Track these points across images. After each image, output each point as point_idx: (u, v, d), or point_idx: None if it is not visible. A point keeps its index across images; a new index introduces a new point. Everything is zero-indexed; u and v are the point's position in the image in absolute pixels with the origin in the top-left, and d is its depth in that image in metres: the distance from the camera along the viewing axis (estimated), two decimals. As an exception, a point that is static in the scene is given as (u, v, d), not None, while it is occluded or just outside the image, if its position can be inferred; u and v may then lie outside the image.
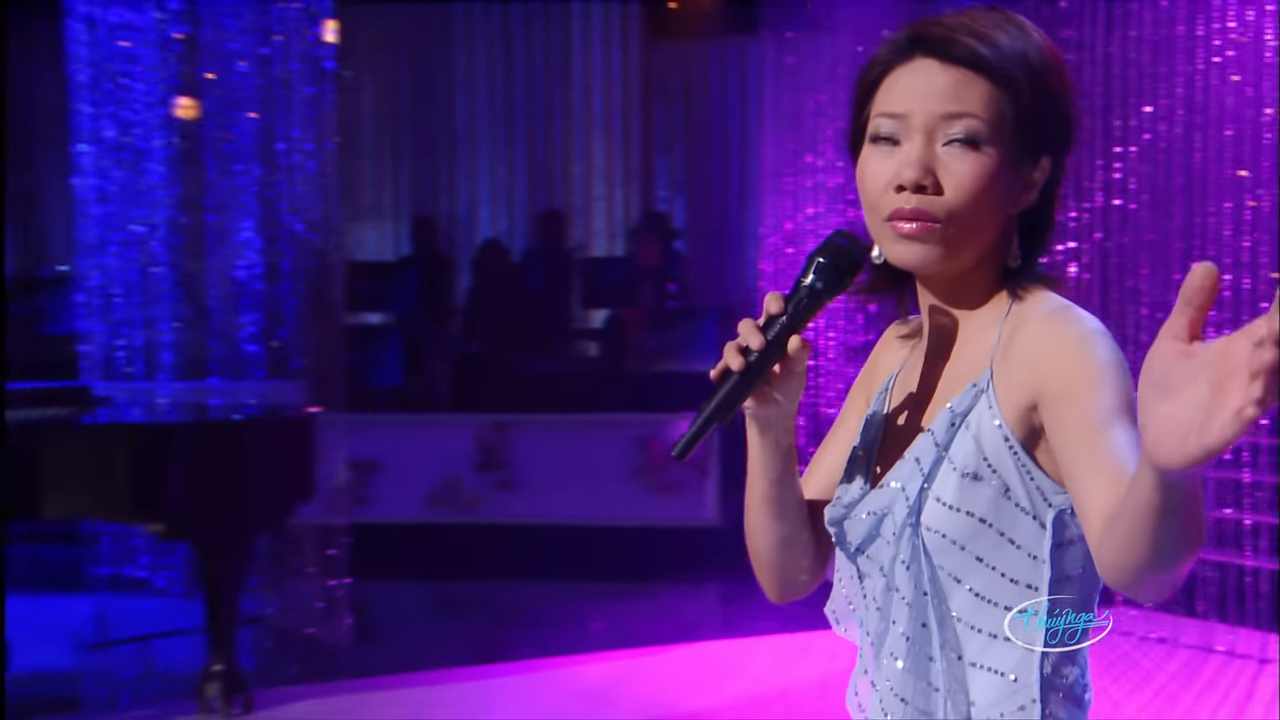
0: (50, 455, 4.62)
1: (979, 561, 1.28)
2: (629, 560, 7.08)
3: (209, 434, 4.81)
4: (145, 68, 7.00)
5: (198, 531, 4.73)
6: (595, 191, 10.74)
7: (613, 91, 10.64)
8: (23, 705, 5.08)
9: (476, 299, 9.45)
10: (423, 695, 5.01)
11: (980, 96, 1.29)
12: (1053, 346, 1.26)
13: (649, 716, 4.65)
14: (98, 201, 7.24)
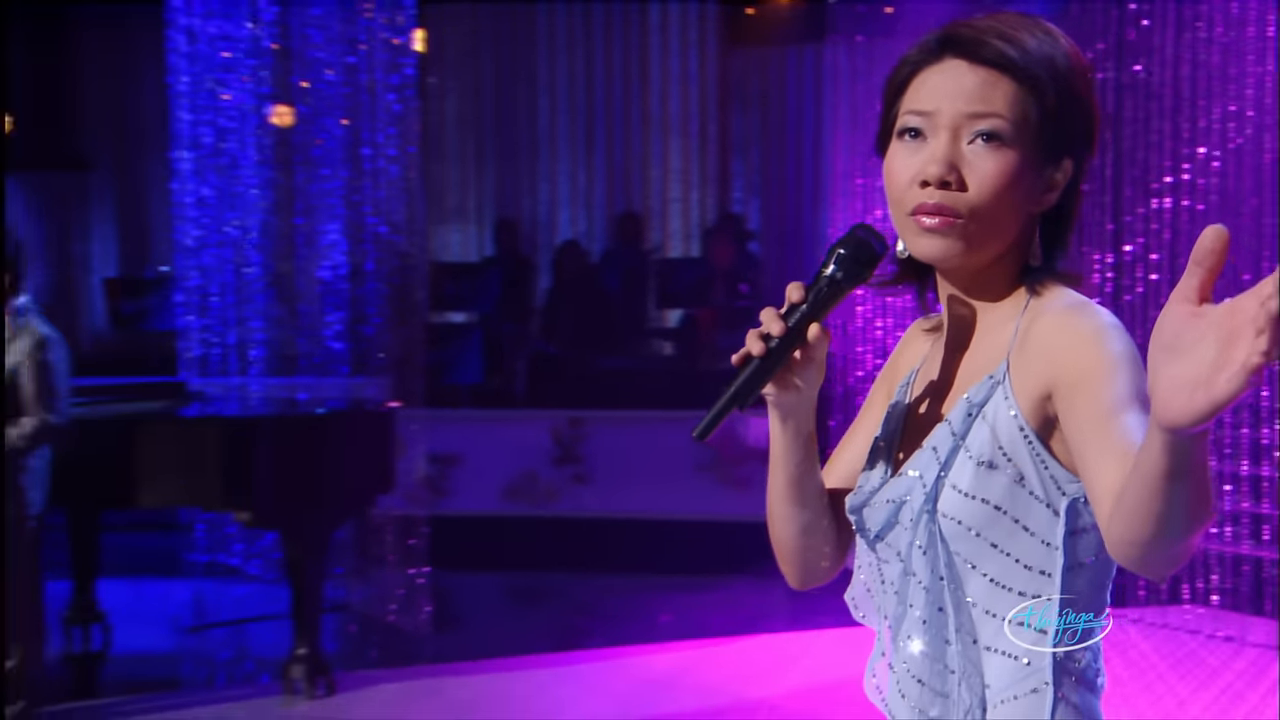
0: (146, 446, 4.77)
1: (994, 548, 1.29)
2: (698, 553, 7.11)
3: (294, 427, 4.91)
4: (239, 77, 7.16)
5: (283, 520, 4.83)
6: (672, 194, 10.76)
7: (690, 96, 10.65)
8: (124, 684, 5.23)
9: (555, 299, 9.52)
10: (496, 681, 5.07)
11: (1006, 97, 1.31)
12: (1068, 338, 1.27)
13: (714, 705, 4.66)
14: (195, 205, 7.42)
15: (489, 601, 6.88)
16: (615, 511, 7.60)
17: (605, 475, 7.73)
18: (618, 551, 7.24)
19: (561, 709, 4.67)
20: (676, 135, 10.66)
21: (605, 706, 4.69)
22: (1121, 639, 5.39)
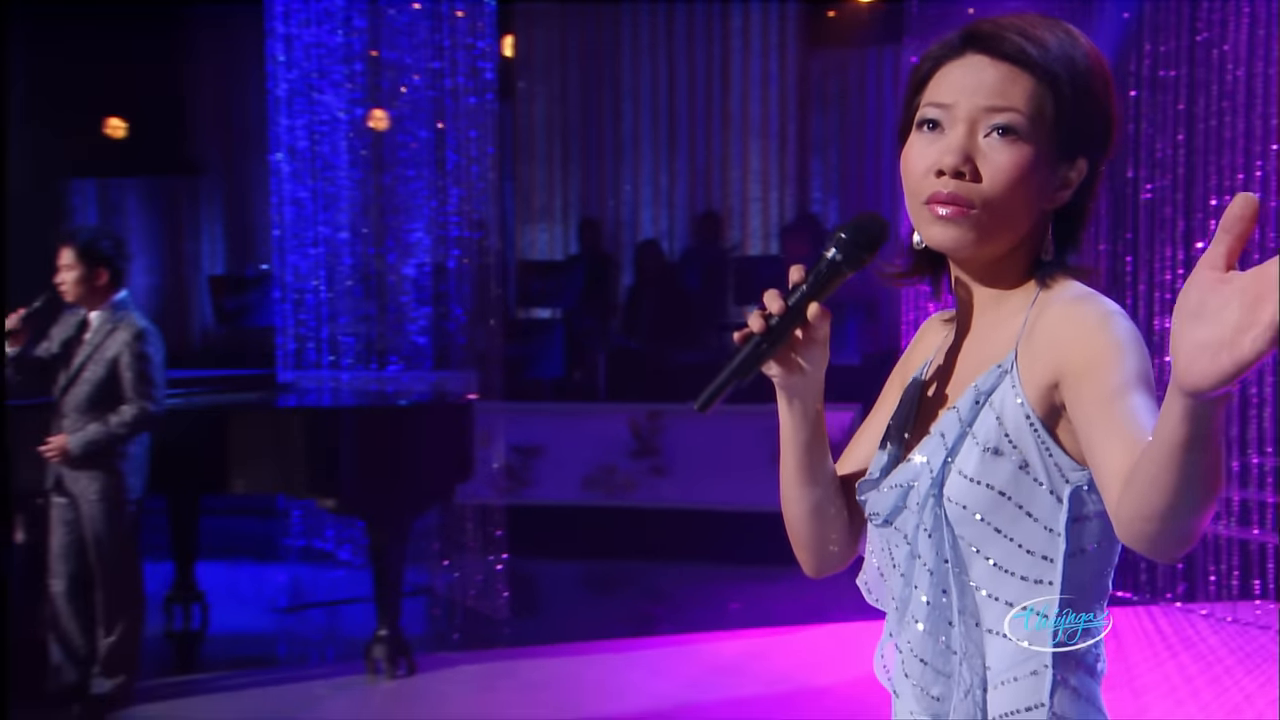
0: (238, 435, 4.87)
1: (998, 533, 1.29)
2: (770, 544, 7.06)
3: (377, 417, 4.98)
4: (332, 82, 7.29)
5: (366, 506, 4.91)
6: (751, 194, 10.73)
7: (770, 97, 10.61)
8: (220, 661, 5.35)
9: (635, 296, 9.55)
10: (569, 664, 5.10)
11: (1024, 92, 1.30)
12: (1074, 327, 1.27)
13: (780, 691, 4.64)
14: (291, 205, 7.57)
15: (567, 588, 6.92)
16: (691, 503, 7.60)
17: (682, 467, 7.73)
18: (692, 541, 7.25)
19: (631, 691, 4.69)
20: (756, 136, 10.63)
21: (674, 690, 4.69)
22: (1190, 633, 5.27)
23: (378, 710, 4.60)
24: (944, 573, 1.31)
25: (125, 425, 4.43)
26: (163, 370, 4.58)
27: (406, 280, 7.10)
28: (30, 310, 4.55)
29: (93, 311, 4.57)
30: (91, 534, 4.48)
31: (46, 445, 4.44)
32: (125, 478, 4.52)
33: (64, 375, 4.54)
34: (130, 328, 4.53)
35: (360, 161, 7.26)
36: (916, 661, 1.35)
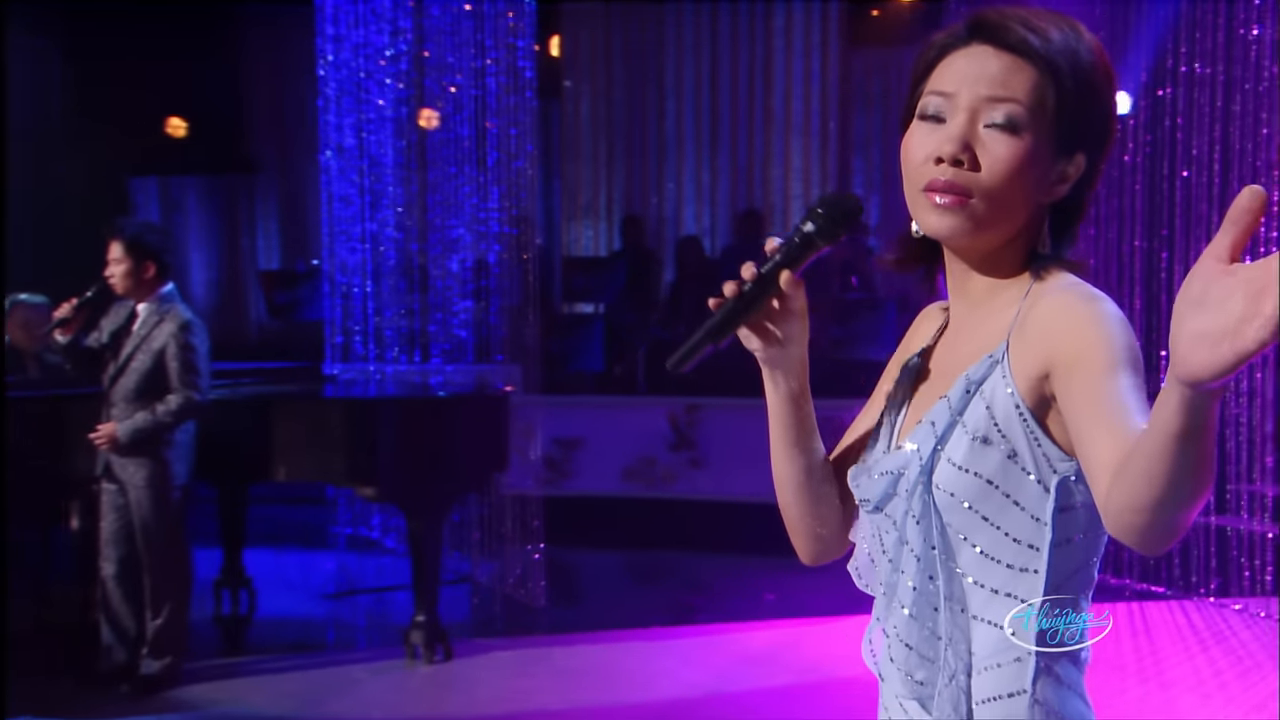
0: (280, 425, 4.91)
1: (985, 521, 1.28)
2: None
3: (413, 408, 5.00)
4: (379, 82, 7.33)
5: (404, 494, 4.93)
6: (793, 191, 10.68)
7: (811, 96, 10.56)
8: (266, 645, 5.39)
9: (676, 291, 9.53)
10: (603, 651, 5.09)
11: (1025, 84, 1.29)
12: (1065, 319, 1.25)
13: (809, 681, 4.61)
14: (340, 202, 7.63)
15: (607, 577, 6.91)
16: (728, 495, 7.57)
17: (719, 460, 7.70)
18: (729, 533, 7.22)
19: (664, 679, 4.68)
20: (798, 134, 10.58)
21: (705, 679, 4.68)
22: (1222, 628, 5.17)
23: (413, 694, 4.62)
24: (931, 559, 1.30)
25: (171, 414, 4.48)
26: (207, 360, 4.63)
27: (449, 275, 7.13)
28: (81, 300, 4.61)
29: (140, 303, 4.62)
30: (139, 519, 4.53)
31: (96, 433, 4.49)
32: (171, 465, 4.57)
33: (113, 365, 4.60)
34: (176, 319, 4.57)
35: (405, 159, 7.30)
36: (902, 646, 1.34)
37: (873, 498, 1.37)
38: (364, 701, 4.48)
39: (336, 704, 4.43)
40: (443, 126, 6.99)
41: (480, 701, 4.48)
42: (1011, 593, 1.28)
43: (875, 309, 8.04)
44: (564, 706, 4.40)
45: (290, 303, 9.73)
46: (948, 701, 1.30)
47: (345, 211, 7.60)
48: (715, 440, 7.74)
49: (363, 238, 7.56)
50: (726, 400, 7.87)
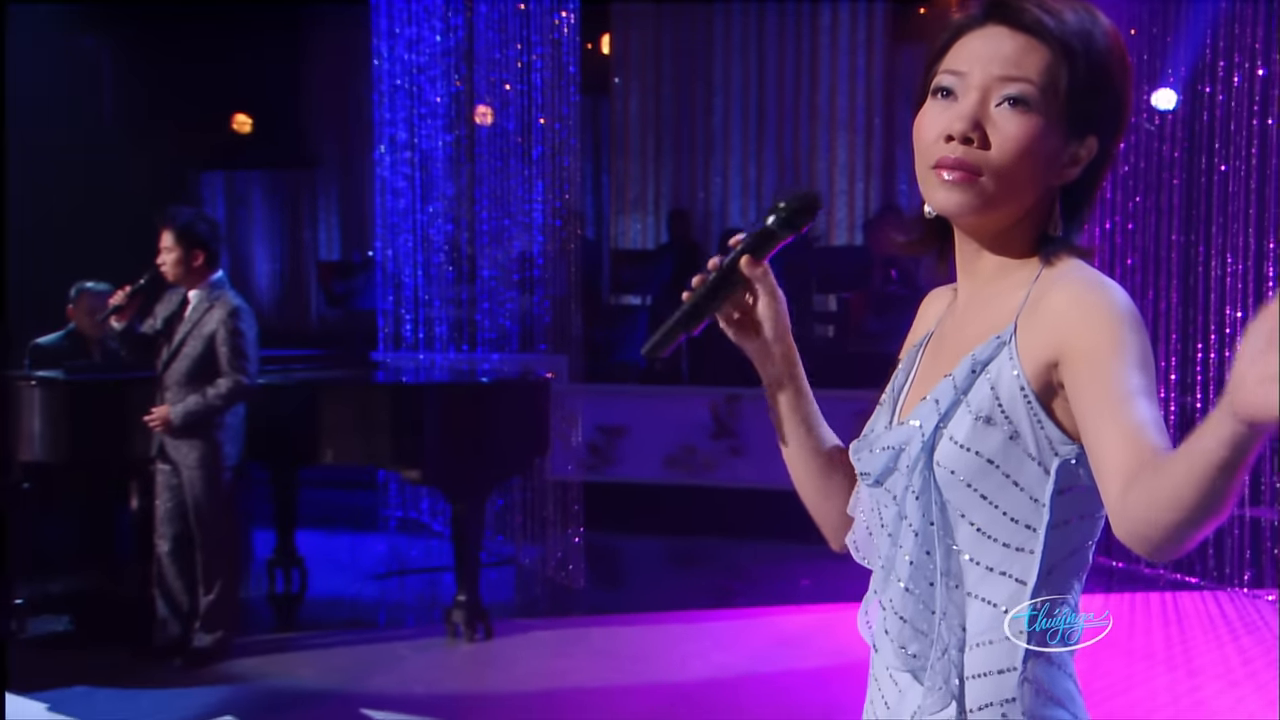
0: (328, 410, 4.96)
1: (984, 499, 1.27)
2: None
3: (457, 393, 5.02)
4: (430, 78, 7.38)
5: (446, 478, 4.96)
6: (838, 186, 10.63)
7: (856, 92, 10.50)
8: (319, 623, 5.45)
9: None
10: (640, 632, 5.10)
11: (1038, 64, 1.27)
12: (1080, 311, 1.23)
13: (840, 664, 4.57)
14: (392, 195, 7.70)
15: (647, 562, 6.91)
16: (767, 483, 7.54)
17: (759, 449, 7.67)
18: (768, 520, 7.18)
19: (697, 660, 4.67)
20: (843, 130, 10.53)
21: (738, 660, 4.66)
22: (1254, 618, 5.08)
23: (454, 670, 4.65)
24: (929, 534, 1.29)
25: (221, 397, 4.54)
26: (255, 346, 4.68)
27: (497, 266, 7.16)
28: (134, 288, 4.67)
29: (192, 291, 4.68)
30: (191, 499, 4.60)
31: (150, 416, 4.56)
32: (222, 446, 4.63)
33: (166, 350, 4.66)
34: (225, 306, 4.63)
35: (455, 153, 7.34)
36: (897, 619, 1.33)
37: (873, 471, 1.35)
38: (407, 677, 4.51)
39: (380, 679, 4.47)
40: (492, 121, 7.03)
41: (518, 679, 4.50)
42: (1006, 571, 1.27)
43: (915, 302, 7.94)
44: (599, 685, 4.41)
45: (347, 292, 9.83)
46: (939, 674, 1.29)
47: (397, 204, 7.66)
48: (755, 429, 7.71)
49: (413, 229, 7.62)
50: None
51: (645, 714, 4.13)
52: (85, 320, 5.43)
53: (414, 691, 4.33)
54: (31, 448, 4.76)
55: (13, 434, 4.78)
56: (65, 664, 4.61)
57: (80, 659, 4.70)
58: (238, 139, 11.06)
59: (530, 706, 4.22)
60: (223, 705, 4.18)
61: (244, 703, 4.21)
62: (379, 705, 4.18)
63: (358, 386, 5.23)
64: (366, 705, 4.19)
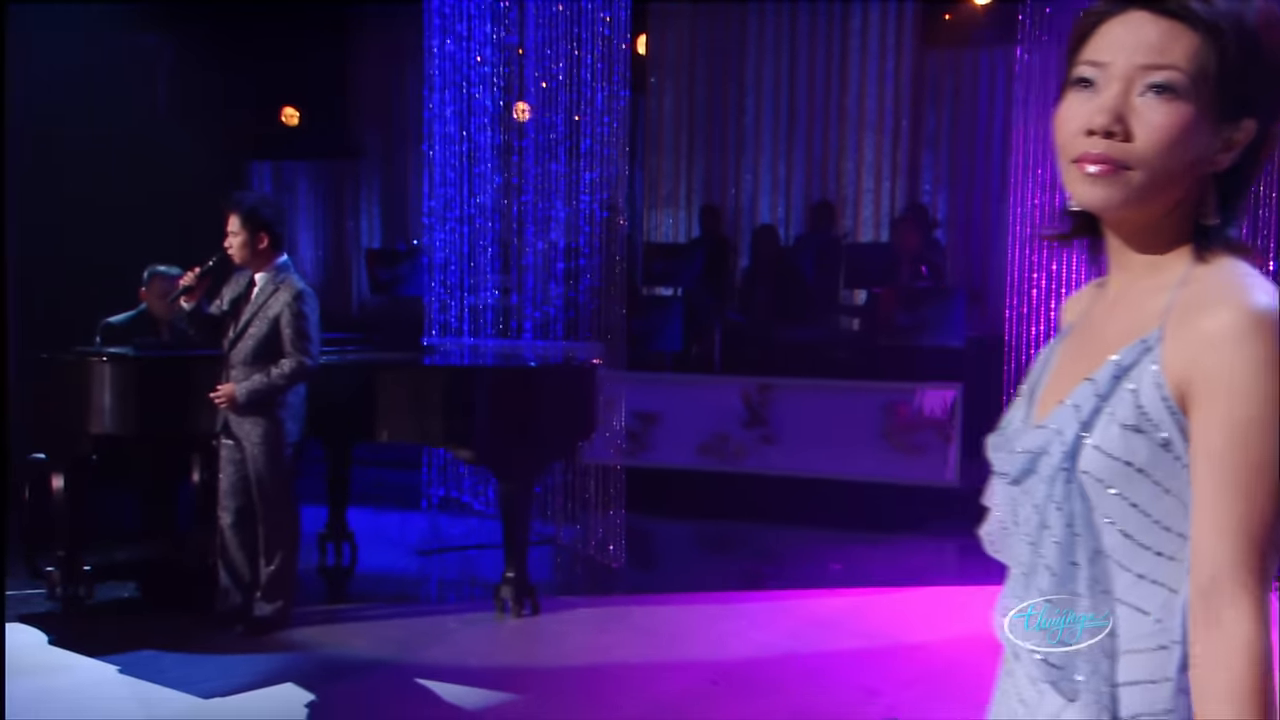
0: (384, 390, 4.96)
1: (1134, 507, 1.19)
2: (874, 512, 6.99)
3: (508, 376, 5.02)
4: (481, 73, 7.38)
5: (496, 459, 4.96)
6: (865, 185, 10.60)
7: (885, 94, 10.46)
8: (368, 595, 5.46)
9: (751, 277, 9.48)
10: (678, 612, 5.09)
11: (1185, 49, 1.18)
12: (1212, 332, 1.14)
13: (873, 646, 4.57)
14: (441, 186, 7.71)
15: (680, 545, 6.91)
16: (797, 470, 7.53)
17: (790, 437, 7.66)
18: (798, 506, 7.18)
19: (734, 639, 4.66)
20: (871, 131, 10.49)
21: (774, 640, 4.65)
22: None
23: (503, 644, 4.66)
24: (1073, 544, 1.21)
25: (284, 377, 4.55)
26: (318, 328, 4.70)
27: (540, 256, 7.17)
28: (203, 269, 4.70)
29: (258, 273, 4.70)
30: (254, 473, 4.62)
31: (216, 393, 4.58)
32: (284, 424, 4.65)
33: (233, 331, 4.68)
34: (290, 289, 4.65)
35: (503, 147, 7.34)
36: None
37: (1011, 471, 1.28)
38: (459, 650, 4.52)
39: (433, 651, 4.48)
40: (540, 118, 7.02)
41: (564, 654, 4.51)
42: (1159, 579, 1.19)
43: (944, 297, 7.91)
44: (642, 660, 4.41)
45: (392, 279, 9.84)
46: (1090, 689, 1.21)
47: (446, 195, 7.68)
48: (786, 418, 7.70)
49: (461, 219, 7.63)
50: (797, 380, 7.84)
51: (688, 689, 4.13)
52: (157, 303, 5.46)
53: (467, 664, 4.34)
54: (102, 421, 4.79)
55: (85, 408, 4.81)
56: (131, 629, 4.64)
57: (144, 624, 4.73)
58: (286, 130, 11.10)
59: (577, 680, 4.23)
60: (283, 672, 4.20)
61: (302, 670, 4.23)
62: (432, 676, 4.19)
63: (414, 368, 5.24)
64: (420, 675, 4.21)
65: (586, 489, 6.31)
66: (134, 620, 4.83)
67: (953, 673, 4.14)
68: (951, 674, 4.14)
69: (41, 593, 5.05)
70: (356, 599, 5.43)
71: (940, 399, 7.32)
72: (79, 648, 4.42)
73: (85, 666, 4.26)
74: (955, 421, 7.27)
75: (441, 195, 7.70)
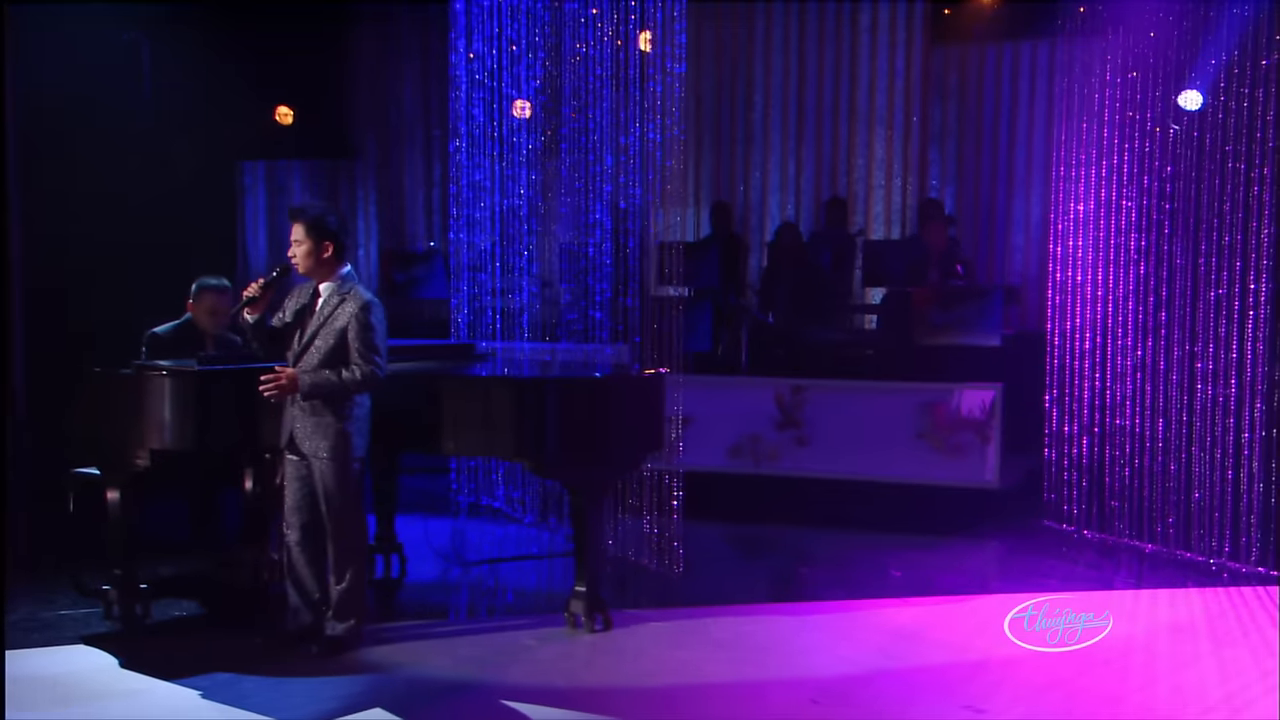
0: (450, 402, 4.82)
1: None
2: (915, 515, 6.93)
3: (579, 389, 4.87)
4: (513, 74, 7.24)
5: (568, 471, 4.83)
6: (875, 181, 10.59)
7: (895, 91, 10.46)
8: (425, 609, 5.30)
9: (772, 276, 9.38)
10: (749, 623, 4.95)
11: None
12: None
13: (965, 659, 4.43)
14: (466, 188, 7.57)
15: (715, 549, 6.75)
16: (834, 473, 7.45)
17: (823, 439, 7.58)
18: (833, 509, 7.11)
19: (821, 652, 4.55)
20: (880, 127, 10.48)
21: (860, 653, 4.52)
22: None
23: (584, 662, 4.51)
24: None
25: (355, 382, 4.42)
26: (386, 338, 4.56)
27: (569, 258, 7.08)
28: (267, 279, 4.55)
29: (322, 283, 4.56)
30: (323, 489, 4.47)
31: (276, 374, 4.40)
32: (352, 438, 4.50)
33: (297, 342, 4.53)
34: (357, 300, 4.51)
35: (528, 147, 7.22)
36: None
37: None
38: (540, 669, 4.38)
39: (515, 671, 4.34)
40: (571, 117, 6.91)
41: (648, 672, 4.37)
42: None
43: (980, 295, 7.85)
44: (731, 679, 4.28)
45: (408, 281, 9.68)
46: None
47: (471, 196, 7.54)
48: (820, 419, 7.62)
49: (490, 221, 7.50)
50: (831, 382, 7.76)
51: (789, 709, 4.01)
52: (205, 317, 5.30)
53: (555, 684, 4.20)
54: (161, 436, 4.62)
55: (143, 422, 4.64)
56: (199, 650, 4.49)
57: (210, 645, 4.57)
58: (279, 129, 10.92)
59: (671, 701, 4.09)
60: (370, 695, 4.05)
61: (390, 693, 4.09)
62: (520, 697, 4.06)
63: (481, 380, 5.08)
64: (506, 697, 4.07)
65: (640, 495, 6.20)
66: (199, 640, 4.67)
67: (1054, 689, 4.01)
68: (1053, 690, 4.01)
69: (96, 612, 4.88)
70: (413, 612, 5.25)
71: (979, 399, 7.25)
72: (150, 670, 4.26)
73: (161, 691, 4.10)
74: (994, 421, 7.21)
75: (468, 196, 7.56)
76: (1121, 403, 6.41)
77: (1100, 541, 6.37)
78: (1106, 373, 6.51)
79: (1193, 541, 6.03)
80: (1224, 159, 6.03)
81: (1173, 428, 6.17)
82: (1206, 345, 6.05)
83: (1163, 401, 6.24)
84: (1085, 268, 6.63)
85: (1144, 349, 6.33)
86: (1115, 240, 6.48)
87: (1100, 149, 6.53)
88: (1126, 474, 6.35)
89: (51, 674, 4.23)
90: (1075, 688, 3.98)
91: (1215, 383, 6.02)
